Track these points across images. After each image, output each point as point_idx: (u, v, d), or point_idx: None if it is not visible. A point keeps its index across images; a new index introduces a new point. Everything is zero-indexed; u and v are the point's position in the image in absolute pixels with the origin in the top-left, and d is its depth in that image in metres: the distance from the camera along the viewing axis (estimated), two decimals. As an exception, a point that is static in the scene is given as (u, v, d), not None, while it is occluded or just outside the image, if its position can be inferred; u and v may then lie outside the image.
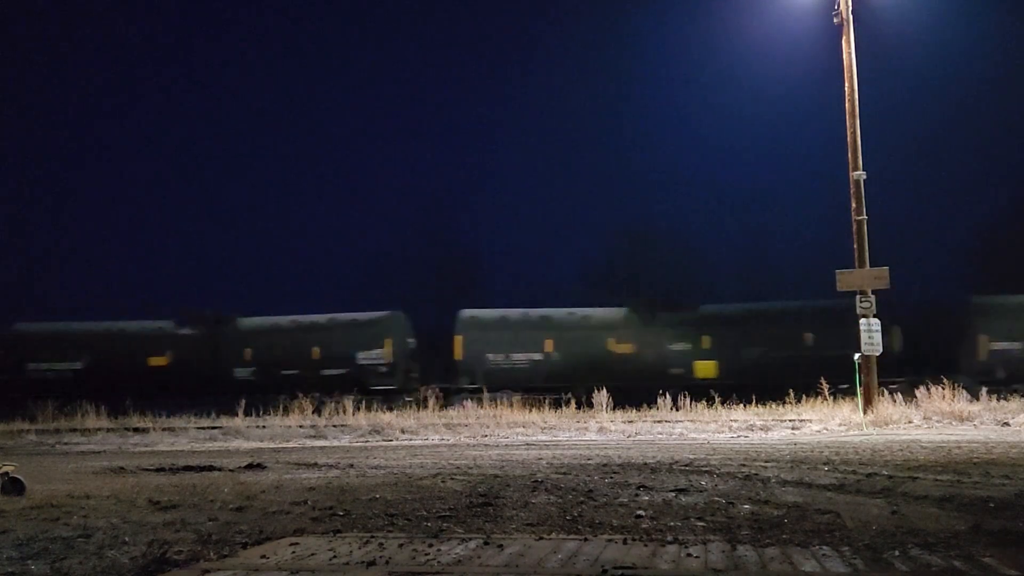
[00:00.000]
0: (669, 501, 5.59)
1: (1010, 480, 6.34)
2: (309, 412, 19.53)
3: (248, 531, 4.75)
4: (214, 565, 3.89)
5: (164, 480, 7.79)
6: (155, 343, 25.34)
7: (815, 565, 3.64)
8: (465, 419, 17.19)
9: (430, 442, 13.15)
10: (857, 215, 16.12)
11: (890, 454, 8.67)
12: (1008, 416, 13.98)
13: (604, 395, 18.23)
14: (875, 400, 15.08)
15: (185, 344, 25.24)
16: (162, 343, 25.34)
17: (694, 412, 18.02)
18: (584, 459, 8.85)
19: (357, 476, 7.67)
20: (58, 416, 21.11)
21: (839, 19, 16.68)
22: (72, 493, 6.62)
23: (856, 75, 16.52)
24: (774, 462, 8.02)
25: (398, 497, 6.03)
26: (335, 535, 4.59)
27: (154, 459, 10.49)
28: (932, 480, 6.42)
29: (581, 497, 5.83)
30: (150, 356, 25.12)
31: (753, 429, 14.00)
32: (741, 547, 4.03)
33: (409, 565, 3.79)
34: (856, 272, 15.87)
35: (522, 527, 4.75)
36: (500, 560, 3.87)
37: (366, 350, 24.39)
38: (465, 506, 5.54)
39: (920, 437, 11.31)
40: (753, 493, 5.89)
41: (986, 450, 8.90)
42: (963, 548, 3.92)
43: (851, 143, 16.38)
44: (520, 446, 11.57)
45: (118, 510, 5.69)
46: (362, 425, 16.51)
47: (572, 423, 15.96)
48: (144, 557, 4.06)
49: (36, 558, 4.15)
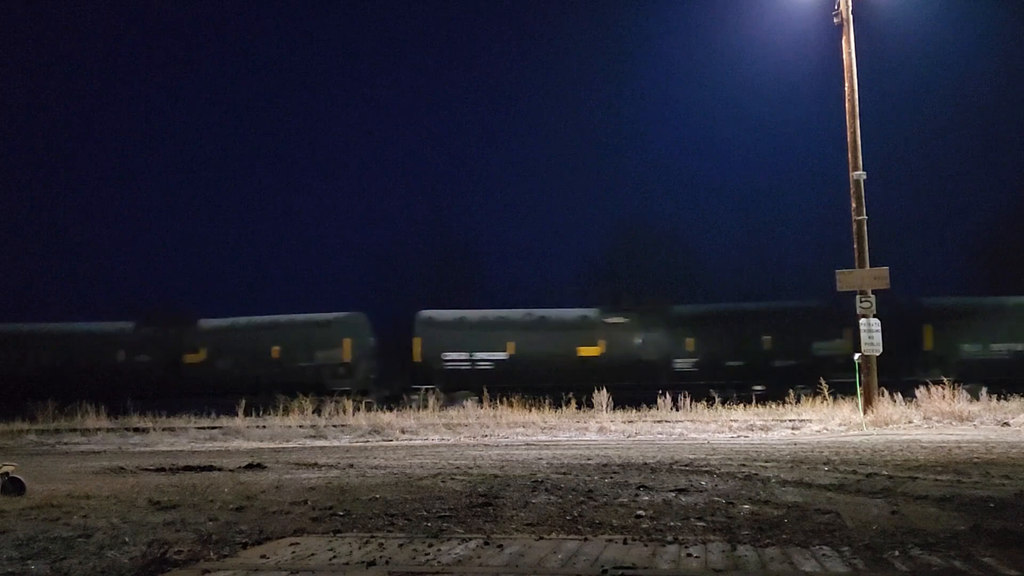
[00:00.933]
0: (669, 501, 5.59)
1: (1010, 480, 6.34)
2: (309, 412, 19.56)
3: (248, 531, 4.75)
4: (214, 565, 3.89)
5: (164, 480, 7.79)
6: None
7: (815, 565, 3.64)
8: (465, 419, 17.19)
9: (430, 442, 13.15)
10: (857, 215, 16.12)
11: (890, 454, 8.67)
12: (1008, 416, 13.99)
13: (604, 395, 18.24)
14: (875, 400, 15.08)
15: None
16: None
17: (694, 412, 18.04)
18: (584, 459, 8.85)
19: (357, 476, 7.67)
20: (58, 416, 21.12)
21: (839, 19, 16.68)
22: (72, 493, 6.62)
23: (856, 75, 16.52)
24: (774, 462, 8.02)
25: (398, 497, 6.03)
26: (335, 535, 4.59)
27: (154, 459, 10.49)
28: (932, 480, 6.42)
29: (581, 497, 5.83)
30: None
31: (753, 429, 14.00)
32: (741, 547, 4.03)
33: (409, 565, 3.78)
34: (856, 272, 15.87)
35: (522, 527, 4.75)
36: (500, 560, 3.87)
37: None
38: (465, 506, 5.54)
39: (920, 437, 11.31)
40: (753, 493, 5.89)
41: (986, 450, 8.90)
42: (963, 548, 3.92)
43: (851, 143, 16.38)
44: (520, 446, 11.57)
45: (118, 510, 5.69)
46: (362, 425, 16.52)
47: (572, 423, 15.96)
48: (144, 557, 4.06)
49: (36, 558, 4.15)
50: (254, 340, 24.88)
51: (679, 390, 19.64)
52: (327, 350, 24.36)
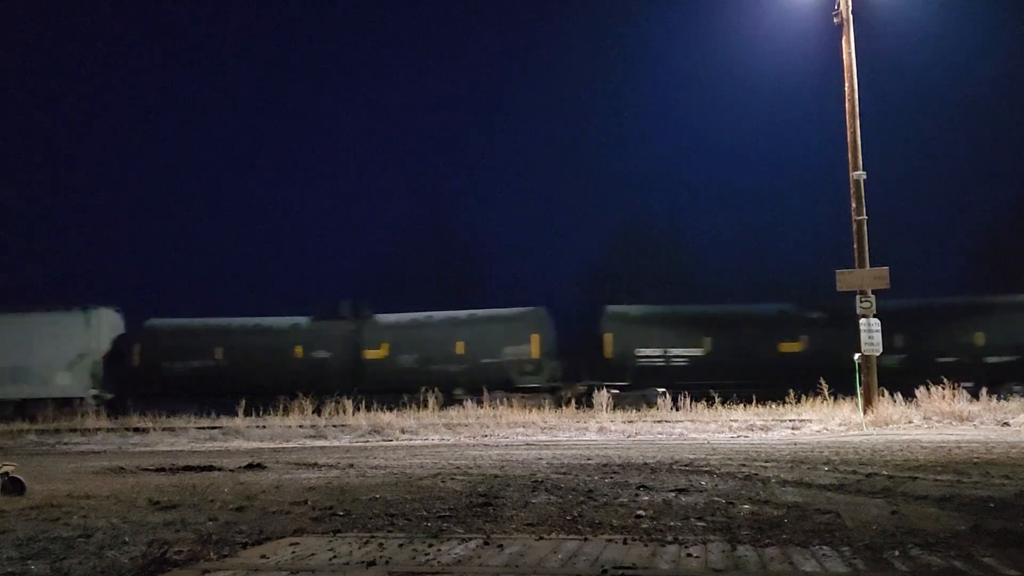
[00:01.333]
0: (669, 501, 5.59)
1: (1010, 480, 6.34)
2: (309, 412, 19.57)
3: (248, 531, 4.75)
4: (214, 565, 3.89)
5: (164, 480, 7.79)
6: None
7: (815, 565, 3.64)
8: (465, 419, 17.20)
9: (430, 442, 13.15)
10: (857, 215, 16.12)
11: (890, 454, 8.67)
12: (1008, 416, 13.99)
13: (604, 395, 18.23)
14: (875, 400, 15.08)
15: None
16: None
17: (694, 412, 18.04)
18: (584, 459, 8.85)
19: (357, 476, 7.67)
20: (58, 416, 21.15)
21: (839, 19, 16.68)
22: (72, 493, 6.62)
23: (856, 75, 16.52)
24: (774, 462, 8.02)
25: (398, 497, 6.03)
26: (335, 535, 4.59)
27: (154, 459, 10.49)
28: (932, 480, 6.42)
29: (581, 497, 5.83)
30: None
31: (753, 429, 14.00)
32: (741, 547, 4.03)
33: (409, 565, 3.78)
34: (856, 272, 15.88)
35: (522, 527, 4.75)
36: (500, 560, 3.87)
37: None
38: (465, 506, 5.54)
39: (920, 437, 11.31)
40: (753, 493, 5.89)
41: (986, 450, 8.90)
42: (963, 548, 3.92)
43: (851, 143, 16.39)
44: (520, 446, 11.57)
45: (118, 510, 5.69)
46: (362, 425, 16.53)
47: (572, 423, 15.96)
48: (144, 557, 4.06)
49: (36, 558, 4.15)
50: (435, 335, 24.21)
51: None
52: (514, 345, 23.57)
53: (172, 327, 25.71)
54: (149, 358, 24.78)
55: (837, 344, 20.30)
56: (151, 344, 25.01)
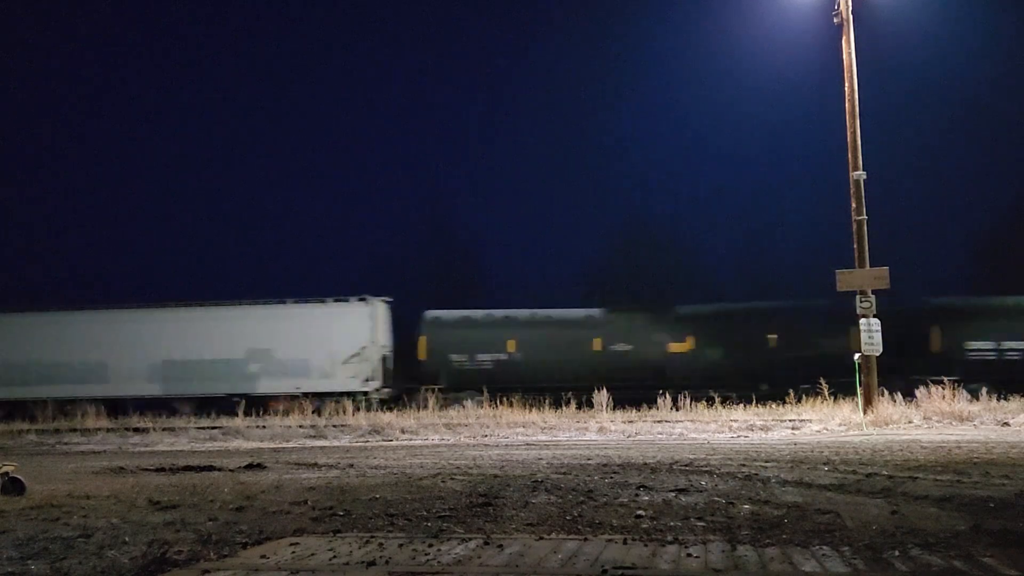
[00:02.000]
0: (669, 501, 5.59)
1: (1010, 480, 6.34)
2: (309, 412, 19.58)
3: (248, 531, 4.75)
4: (214, 565, 3.89)
5: (164, 480, 7.79)
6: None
7: (815, 565, 3.64)
8: (465, 419, 17.21)
9: (430, 442, 13.15)
10: (857, 215, 16.11)
11: (890, 454, 8.68)
12: (1008, 416, 13.99)
13: (604, 395, 18.24)
14: (875, 400, 15.07)
15: None
16: None
17: (694, 412, 18.03)
18: (584, 459, 8.85)
19: (357, 476, 7.67)
20: (58, 416, 21.15)
21: (839, 19, 16.67)
22: (72, 493, 6.62)
23: (856, 75, 16.51)
24: (774, 462, 8.02)
25: (398, 497, 6.03)
26: (335, 535, 4.59)
27: (154, 459, 10.49)
28: (932, 480, 6.42)
29: (581, 497, 5.83)
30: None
31: (753, 429, 14.00)
32: (741, 547, 4.03)
33: (409, 565, 3.78)
34: (856, 272, 15.87)
35: (522, 527, 4.75)
36: (500, 560, 3.87)
37: None
38: (465, 506, 5.54)
39: (920, 437, 11.31)
40: (753, 493, 5.89)
41: (986, 450, 8.90)
42: (963, 548, 3.92)
43: (851, 143, 16.38)
44: (520, 446, 11.57)
45: (118, 510, 5.70)
46: (362, 425, 16.54)
47: (572, 423, 15.96)
48: (144, 557, 4.06)
49: (36, 558, 4.15)
50: (745, 326, 23.28)
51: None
52: (833, 338, 21.66)
53: (455, 319, 24.55)
54: (436, 351, 23.61)
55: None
56: (438, 336, 23.77)
